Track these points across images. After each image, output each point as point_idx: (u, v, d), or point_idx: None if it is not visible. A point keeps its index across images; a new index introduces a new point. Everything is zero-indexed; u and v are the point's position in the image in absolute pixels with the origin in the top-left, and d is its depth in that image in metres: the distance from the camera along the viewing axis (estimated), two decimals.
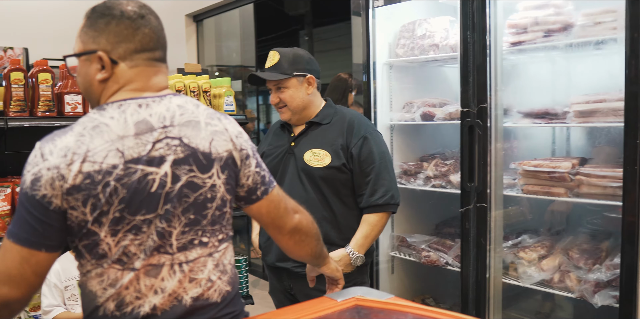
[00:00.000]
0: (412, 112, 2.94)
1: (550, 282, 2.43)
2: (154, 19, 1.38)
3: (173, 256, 1.32)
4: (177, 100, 1.37)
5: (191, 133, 1.33)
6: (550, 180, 2.40)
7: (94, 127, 1.29)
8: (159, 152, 1.29)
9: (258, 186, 1.46)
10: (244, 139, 1.44)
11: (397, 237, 3.07)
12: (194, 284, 1.34)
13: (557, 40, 2.36)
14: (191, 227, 1.33)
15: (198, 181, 1.32)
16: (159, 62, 1.40)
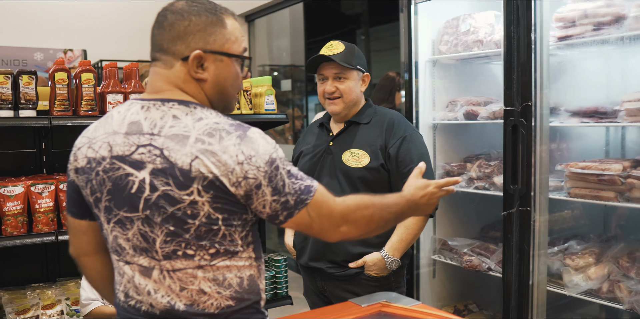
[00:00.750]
0: (455, 110, 2.84)
1: (598, 292, 2.28)
2: (160, 17, 1.36)
3: (160, 263, 1.30)
4: (177, 110, 1.30)
5: (174, 147, 1.25)
6: (599, 183, 2.26)
7: (105, 117, 1.37)
8: (140, 156, 1.27)
9: (279, 213, 1.31)
10: (256, 165, 1.25)
11: (438, 240, 2.98)
12: (185, 293, 1.31)
13: (608, 34, 2.21)
14: (173, 238, 1.28)
15: (175, 195, 1.25)
16: (152, 62, 1.38)
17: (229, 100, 1.42)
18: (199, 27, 1.32)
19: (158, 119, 1.29)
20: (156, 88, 1.35)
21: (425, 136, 2.96)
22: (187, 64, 1.33)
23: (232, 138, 1.25)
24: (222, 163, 1.23)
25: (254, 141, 1.26)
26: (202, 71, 1.34)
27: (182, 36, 1.32)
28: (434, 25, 2.99)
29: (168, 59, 1.34)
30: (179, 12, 1.33)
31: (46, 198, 2.61)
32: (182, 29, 1.32)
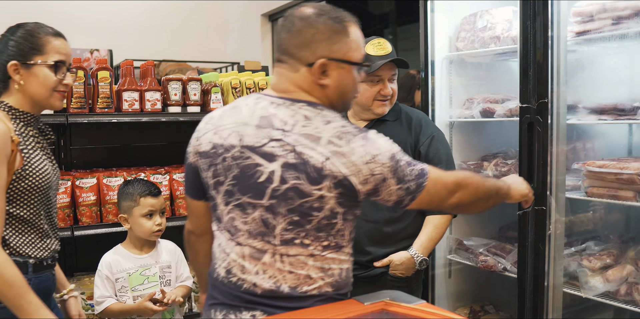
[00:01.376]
0: (472, 108, 2.79)
1: (615, 294, 2.22)
2: (282, 21, 1.46)
3: (275, 247, 1.42)
4: (306, 111, 1.41)
5: (308, 144, 1.35)
6: (618, 182, 2.19)
7: (232, 108, 1.49)
8: (272, 149, 1.38)
9: (404, 198, 1.44)
10: (380, 163, 1.37)
11: (455, 240, 2.93)
12: (292, 276, 1.42)
13: (628, 28, 2.15)
14: (294, 227, 1.40)
15: (305, 189, 1.36)
16: (277, 62, 1.49)
17: (348, 103, 1.53)
18: (325, 35, 1.41)
19: (289, 117, 1.39)
20: (282, 88, 1.46)
21: None
22: (312, 70, 1.42)
23: (358, 140, 1.37)
24: (351, 163, 1.35)
25: (375, 141, 1.39)
26: (325, 77, 1.43)
27: (308, 44, 1.40)
28: (451, 22, 2.95)
29: (294, 63, 1.44)
30: (306, 20, 1.41)
31: (62, 194, 2.65)
32: (309, 36, 1.40)
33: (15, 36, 1.76)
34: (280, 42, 1.45)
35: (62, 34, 1.83)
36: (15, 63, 1.74)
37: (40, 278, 1.80)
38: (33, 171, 1.75)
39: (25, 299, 1.61)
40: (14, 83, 1.76)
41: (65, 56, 1.81)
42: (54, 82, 1.78)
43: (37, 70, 1.76)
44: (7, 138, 1.66)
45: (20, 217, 1.76)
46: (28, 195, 1.75)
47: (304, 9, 1.44)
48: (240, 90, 3.06)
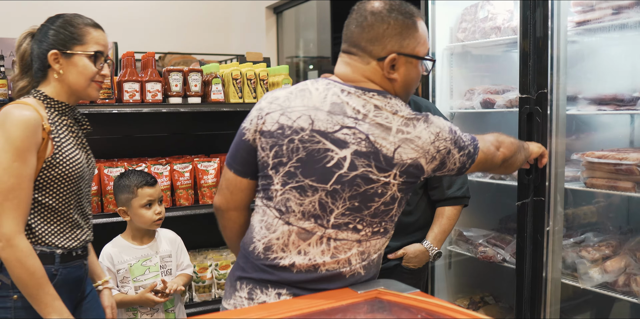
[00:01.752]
0: (473, 99, 2.79)
1: (613, 285, 2.21)
2: (354, 13, 1.50)
3: (325, 230, 1.47)
4: (377, 101, 1.45)
5: (379, 134, 1.41)
6: (617, 173, 2.18)
7: (301, 90, 1.52)
8: (344, 136, 1.43)
9: (466, 162, 1.54)
10: (443, 139, 1.46)
11: (455, 231, 2.93)
12: (333, 261, 1.48)
13: (628, 18, 2.13)
14: (352, 212, 1.45)
15: (372, 176, 1.42)
16: (345, 53, 1.52)
17: (409, 95, 1.59)
18: (396, 31, 1.45)
19: (361, 106, 1.44)
20: (352, 78, 1.50)
21: None
22: (382, 64, 1.46)
23: (421, 123, 1.44)
24: (419, 147, 1.43)
25: (434, 121, 1.47)
26: (394, 72, 1.48)
27: (379, 38, 1.45)
28: (452, 13, 2.94)
29: (364, 56, 1.48)
30: (378, 14, 1.45)
31: None
32: (380, 31, 1.44)
33: (55, 26, 1.77)
34: (350, 34, 1.49)
35: (100, 26, 1.85)
36: (55, 52, 1.74)
37: (69, 269, 1.80)
38: (64, 160, 1.74)
39: (43, 289, 1.64)
40: (53, 72, 1.76)
41: (104, 47, 1.82)
42: (93, 72, 1.78)
43: (76, 60, 1.76)
44: (37, 126, 1.66)
45: (49, 206, 1.75)
46: (58, 183, 1.75)
47: (375, 2, 1.47)
48: (241, 81, 3.06)
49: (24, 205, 1.65)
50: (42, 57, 1.76)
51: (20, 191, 1.63)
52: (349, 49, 1.51)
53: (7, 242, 1.61)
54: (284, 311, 1.47)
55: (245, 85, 3.08)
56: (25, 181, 1.64)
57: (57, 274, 1.74)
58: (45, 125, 1.70)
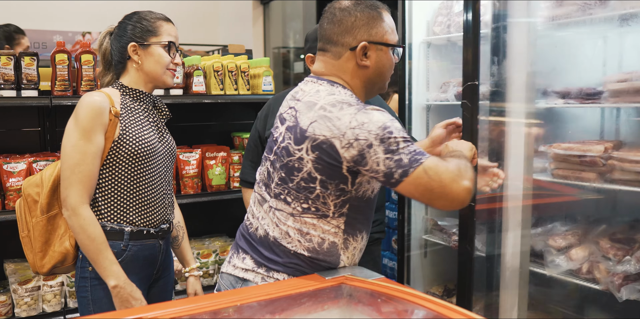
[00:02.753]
0: (448, 91, 2.85)
1: (578, 272, 2.29)
2: (325, 13, 1.65)
3: (270, 200, 1.64)
4: (324, 86, 1.61)
5: (304, 110, 1.55)
6: (581, 164, 2.26)
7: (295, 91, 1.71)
8: (286, 115, 1.62)
9: (393, 170, 1.44)
10: (367, 130, 1.44)
11: (430, 220, 3.01)
12: (278, 230, 1.62)
13: (595, 14, 2.19)
14: (282, 183, 1.60)
15: (291, 149, 1.55)
16: (319, 50, 1.67)
17: (385, 82, 1.70)
18: (363, 21, 1.59)
19: (307, 90, 1.61)
20: (319, 72, 1.66)
21: (418, 117, 3.00)
22: (354, 53, 1.59)
23: (351, 109, 1.49)
24: (335, 127, 1.47)
25: (369, 113, 1.47)
26: (366, 59, 1.60)
27: (349, 30, 1.59)
28: (429, 7, 2.99)
29: (337, 50, 1.61)
30: (346, 10, 1.60)
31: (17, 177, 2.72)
32: (349, 24, 1.59)
33: (132, 21, 1.98)
34: (323, 32, 1.63)
35: (170, 19, 2.05)
36: (134, 44, 1.95)
37: (139, 246, 1.95)
38: (132, 139, 1.91)
39: (102, 254, 1.82)
40: (132, 63, 1.97)
41: (175, 38, 2.02)
42: (168, 60, 1.98)
43: (153, 50, 1.96)
44: (103, 109, 1.85)
45: (119, 183, 1.92)
46: (127, 161, 1.91)
47: (343, 1, 1.63)
48: (223, 73, 3.11)
49: (87, 179, 1.83)
50: (122, 50, 1.97)
51: (84, 166, 1.82)
52: (323, 47, 1.65)
53: (73, 211, 1.81)
54: (252, 296, 1.53)
55: (227, 77, 3.13)
56: (90, 157, 1.83)
57: (127, 250, 1.92)
58: (113, 109, 1.88)
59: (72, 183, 1.81)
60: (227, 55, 3.28)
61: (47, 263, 1.94)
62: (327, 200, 1.57)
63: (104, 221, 1.90)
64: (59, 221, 1.96)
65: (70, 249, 1.94)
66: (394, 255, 3.40)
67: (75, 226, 1.81)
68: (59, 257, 1.94)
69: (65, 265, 1.97)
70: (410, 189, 1.45)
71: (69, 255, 1.95)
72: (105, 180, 1.90)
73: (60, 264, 1.95)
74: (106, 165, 1.89)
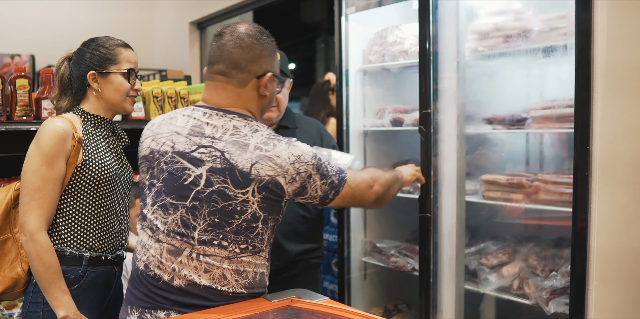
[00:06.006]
0: (384, 118, 2.96)
1: (509, 289, 2.42)
2: (228, 36, 1.59)
3: (193, 246, 1.55)
4: (237, 121, 1.57)
5: (235, 151, 1.50)
6: (510, 186, 2.40)
7: (171, 117, 1.65)
8: (200, 155, 1.53)
9: (329, 192, 1.62)
10: (304, 162, 1.53)
11: (368, 243, 3.08)
12: (208, 275, 1.55)
13: (516, 46, 2.36)
14: (214, 229, 1.53)
15: (230, 193, 1.50)
16: (218, 75, 1.61)
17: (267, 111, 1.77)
18: (268, 52, 1.62)
19: (220, 126, 1.55)
20: (217, 101, 1.62)
21: (356, 142, 3.09)
22: (259, 83, 1.61)
23: (282, 144, 1.53)
24: (278, 165, 1.50)
25: (297, 145, 1.56)
26: (266, 89, 1.64)
27: (257, 58, 1.59)
28: (365, 36, 3.11)
29: (244, 77, 1.60)
30: (254, 37, 1.60)
31: None
32: (258, 52, 1.59)
33: (90, 49, 1.98)
34: (229, 55, 1.58)
35: (129, 45, 2.05)
36: (93, 72, 1.96)
37: (97, 273, 1.93)
38: (94, 165, 1.92)
39: (55, 283, 1.80)
40: (92, 91, 1.98)
41: (134, 64, 2.03)
42: (127, 87, 2.00)
43: (112, 78, 1.97)
44: (66, 135, 1.86)
45: (80, 209, 1.90)
46: (89, 187, 1.91)
47: (246, 26, 1.62)
48: (162, 99, 3.11)
49: (47, 204, 1.83)
50: (81, 78, 1.98)
51: (45, 192, 1.82)
52: (228, 72, 1.60)
53: (31, 237, 1.79)
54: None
55: (166, 103, 3.13)
56: (51, 183, 1.83)
57: (84, 276, 1.89)
58: (77, 134, 1.89)
59: (31, 208, 1.80)
60: (166, 81, 3.29)
61: None
62: (264, 235, 1.59)
63: (63, 246, 1.88)
64: (10, 246, 1.92)
65: (22, 274, 1.90)
66: (334, 278, 3.45)
67: (32, 253, 1.79)
68: (9, 283, 1.90)
69: (15, 291, 1.92)
70: (338, 202, 1.67)
71: (20, 281, 1.91)
72: (67, 205, 1.90)
73: (9, 290, 1.91)
74: (68, 191, 1.90)
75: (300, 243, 2.33)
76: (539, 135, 2.66)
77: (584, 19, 1.99)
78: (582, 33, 2.00)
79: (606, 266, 2.07)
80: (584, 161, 2.03)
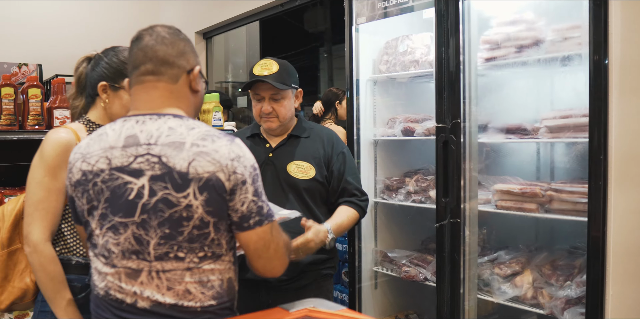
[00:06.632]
0: (394, 127, 2.97)
1: (523, 298, 2.41)
2: (148, 36, 1.51)
3: (151, 264, 1.43)
4: (172, 122, 1.45)
5: (171, 153, 1.40)
6: (523, 195, 2.40)
7: (99, 135, 1.51)
8: (139, 165, 1.42)
9: (253, 216, 1.45)
10: (243, 164, 1.42)
11: (379, 252, 3.08)
12: (171, 292, 1.43)
13: (528, 56, 2.37)
14: (166, 240, 1.41)
15: (172, 199, 1.39)
16: (146, 75, 1.50)
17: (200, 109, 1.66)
18: (190, 48, 1.55)
19: (154, 130, 1.43)
20: (149, 105, 1.50)
21: (366, 152, 3.10)
22: (189, 78, 1.52)
23: (223, 141, 1.43)
24: (216, 160, 1.39)
25: (241, 146, 1.46)
26: (197, 84, 1.55)
27: (183, 54, 1.52)
28: (375, 46, 3.13)
29: (175, 73, 1.50)
30: (174, 34, 1.53)
31: None
32: (181, 47, 1.52)
33: (107, 58, 1.92)
34: (154, 53, 1.49)
35: None
36: (104, 84, 1.89)
37: None
38: None
39: (60, 293, 1.77)
40: (100, 100, 1.92)
41: None
42: None
43: (122, 94, 1.89)
44: (69, 145, 1.79)
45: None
46: None
47: (161, 26, 1.54)
48: None
49: (51, 215, 1.80)
50: (93, 85, 1.92)
51: (48, 203, 1.78)
52: (157, 69, 1.49)
53: (34, 248, 1.76)
54: None
55: None
56: (54, 194, 1.79)
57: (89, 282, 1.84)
58: None
59: (35, 219, 1.78)
60: None
61: (5, 299, 1.89)
62: (221, 240, 1.47)
63: (69, 254, 1.87)
64: (20, 256, 1.91)
65: (30, 285, 1.89)
66: (344, 288, 3.45)
67: (36, 264, 1.77)
68: (18, 293, 1.89)
69: (24, 301, 1.91)
70: (252, 240, 1.48)
71: (29, 291, 1.90)
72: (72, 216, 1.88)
73: (19, 300, 1.90)
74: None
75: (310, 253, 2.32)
76: (551, 145, 2.67)
77: (598, 28, 2.00)
78: (597, 43, 2.01)
79: (623, 275, 2.06)
80: (599, 171, 2.03)
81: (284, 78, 2.27)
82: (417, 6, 2.74)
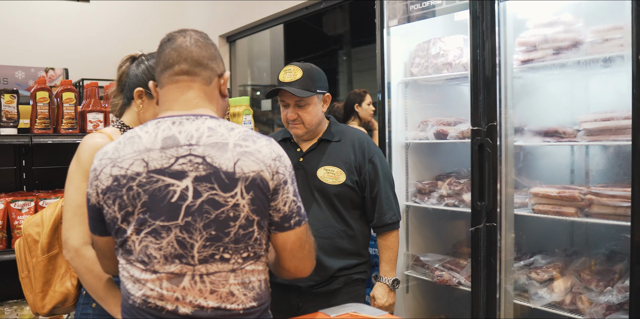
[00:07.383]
0: (427, 130, 2.94)
1: (561, 304, 2.37)
2: (181, 38, 1.51)
3: (194, 268, 1.40)
4: (210, 122, 1.45)
5: (216, 153, 1.39)
6: (561, 199, 2.36)
7: (129, 138, 1.46)
8: (181, 166, 1.39)
9: (293, 216, 1.48)
10: (283, 164, 1.45)
11: (411, 256, 3.05)
12: (215, 295, 1.41)
13: (567, 58, 2.34)
14: (212, 242, 1.40)
15: (219, 199, 1.38)
16: (181, 75, 1.49)
17: None
18: (218, 53, 1.57)
19: (194, 131, 1.42)
20: (185, 104, 1.49)
21: (397, 155, 3.08)
22: (219, 81, 1.54)
23: (263, 141, 1.45)
24: (260, 160, 1.40)
25: (278, 146, 1.49)
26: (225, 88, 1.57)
27: (214, 57, 1.53)
28: (406, 48, 3.11)
29: (208, 75, 1.51)
30: (206, 38, 1.55)
31: (26, 215, 2.66)
32: (213, 51, 1.54)
33: (149, 63, 1.90)
34: (189, 54, 1.49)
35: None
36: (141, 90, 1.86)
37: None
38: None
39: (110, 292, 1.76)
40: (135, 105, 1.90)
41: None
42: None
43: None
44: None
45: None
46: None
47: (192, 30, 1.55)
48: None
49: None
50: (131, 87, 1.90)
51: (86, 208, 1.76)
52: (192, 70, 1.49)
53: (75, 253, 1.76)
54: None
55: None
56: None
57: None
58: None
59: (73, 225, 1.78)
60: None
61: (47, 304, 1.90)
62: (262, 240, 1.46)
63: None
64: (60, 261, 1.93)
65: (71, 289, 1.90)
66: None
67: (80, 267, 1.77)
68: (59, 297, 1.90)
69: (66, 305, 1.93)
70: (290, 240, 1.50)
71: (70, 295, 1.91)
72: None
73: (61, 304, 1.91)
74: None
75: (340, 258, 2.30)
76: (586, 147, 2.63)
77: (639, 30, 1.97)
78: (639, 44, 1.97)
79: None
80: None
81: (308, 84, 2.24)
82: (450, 8, 2.71)
